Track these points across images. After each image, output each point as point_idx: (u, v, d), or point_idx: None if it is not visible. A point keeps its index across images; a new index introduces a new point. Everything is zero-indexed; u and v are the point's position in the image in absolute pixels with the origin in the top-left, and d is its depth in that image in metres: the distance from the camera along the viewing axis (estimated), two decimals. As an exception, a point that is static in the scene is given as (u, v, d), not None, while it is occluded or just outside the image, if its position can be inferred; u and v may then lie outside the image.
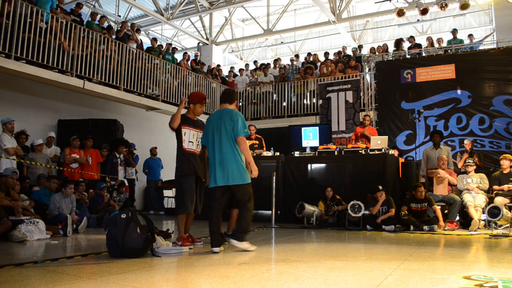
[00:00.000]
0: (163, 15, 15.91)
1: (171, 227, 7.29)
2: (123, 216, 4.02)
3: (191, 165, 4.75)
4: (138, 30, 12.33)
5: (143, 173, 11.56)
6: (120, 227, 3.92)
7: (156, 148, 11.71)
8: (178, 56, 14.51)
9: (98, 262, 3.72)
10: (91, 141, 8.84)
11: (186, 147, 4.81)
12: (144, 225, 4.15)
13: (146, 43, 14.34)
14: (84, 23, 10.38)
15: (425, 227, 6.69)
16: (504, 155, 7.54)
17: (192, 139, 4.85)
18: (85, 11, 14.74)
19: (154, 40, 12.97)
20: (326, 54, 14.12)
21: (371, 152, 7.77)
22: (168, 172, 12.17)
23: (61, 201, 6.63)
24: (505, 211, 6.41)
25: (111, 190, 8.44)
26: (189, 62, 14.01)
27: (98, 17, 11.07)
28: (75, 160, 8.43)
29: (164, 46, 13.42)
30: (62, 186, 6.86)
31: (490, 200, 6.95)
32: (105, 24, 11.04)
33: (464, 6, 11.93)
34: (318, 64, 13.85)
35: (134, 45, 11.35)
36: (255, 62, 16.55)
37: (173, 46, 14.15)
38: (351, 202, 6.96)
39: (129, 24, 12.39)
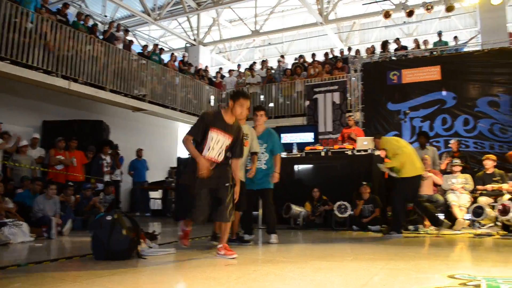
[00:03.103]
0: (150, 16, 15.80)
1: (158, 228, 7.25)
2: (109, 218, 3.98)
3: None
4: (126, 31, 12.28)
5: (128, 174, 11.46)
6: (106, 229, 3.88)
7: (141, 149, 11.64)
8: (166, 57, 14.45)
9: (83, 265, 3.68)
10: (75, 143, 8.72)
11: (204, 155, 3.91)
12: (130, 227, 4.12)
13: (135, 45, 14.27)
14: (70, 23, 10.28)
15: (411, 227, 6.75)
16: (486, 155, 7.65)
17: (214, 145, 3.95)
18: (72, 11, 14.58)
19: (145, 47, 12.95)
20: (313, 55, 14.17)
21: (357, 153, 7.82)
22: (154, 174, 12.10)
23: (44, 203, 6.55)
24: (488, 210, 6.51)
25: (96, 192, 8.36)
26: (176, 63, 13.96)
27: (84, 17, 10.97)
28: (60, 162, 8.33)
29: (151, 47, 13.36)
30: (45, 188, 6.79)
31: (475, 200, 7.05)
32: (90, 23, 10.92)
33: (449, 9, 12.08)
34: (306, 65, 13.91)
35: (121, 46, 11.28)
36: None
37: (160, 46, 14.09)
38: (338, 203, 7.00)
39: (115, 24, 12.31)
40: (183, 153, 13.18)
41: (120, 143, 10.74)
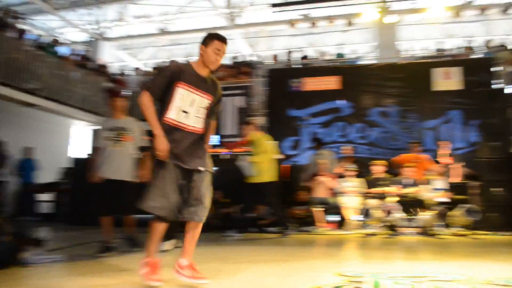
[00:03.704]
0: (48, 4, 14.66)
1: (46, 234, 6.75)
2: (-13, 222, 3.62)
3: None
4: (20, 18, 11.28)
5: (15, 175, 10.49)
6: (-17, 235, 3.52)
7: (31, 148, 10.74)
8: (64, 50, 13.53)
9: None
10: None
11: (169, 118, 2.87)
12: (13, 232, 3.79)
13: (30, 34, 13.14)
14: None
15: (306, 228, 7.06)
16: (374, 161, 8.29)
17: (188, 107, 2.92)
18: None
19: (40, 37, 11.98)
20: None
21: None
22: (44, 175, 11.22)
23: None
24: (376, 212, 7.03)
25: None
26: (75, 57, 13.14)
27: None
28: None
29: (48, 38, 12.45)
30: None
31: (364, 202, 7.57)
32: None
33: (349, 23, 13.08)
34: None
35: (13, 34, 10.33)
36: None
37: (58, 38, 13.17)
38: (238, 205, 7.09)
39: (8, 10, 11.29)
40: (79, 153, 12.47)
41: (7, 140, 9.80)
